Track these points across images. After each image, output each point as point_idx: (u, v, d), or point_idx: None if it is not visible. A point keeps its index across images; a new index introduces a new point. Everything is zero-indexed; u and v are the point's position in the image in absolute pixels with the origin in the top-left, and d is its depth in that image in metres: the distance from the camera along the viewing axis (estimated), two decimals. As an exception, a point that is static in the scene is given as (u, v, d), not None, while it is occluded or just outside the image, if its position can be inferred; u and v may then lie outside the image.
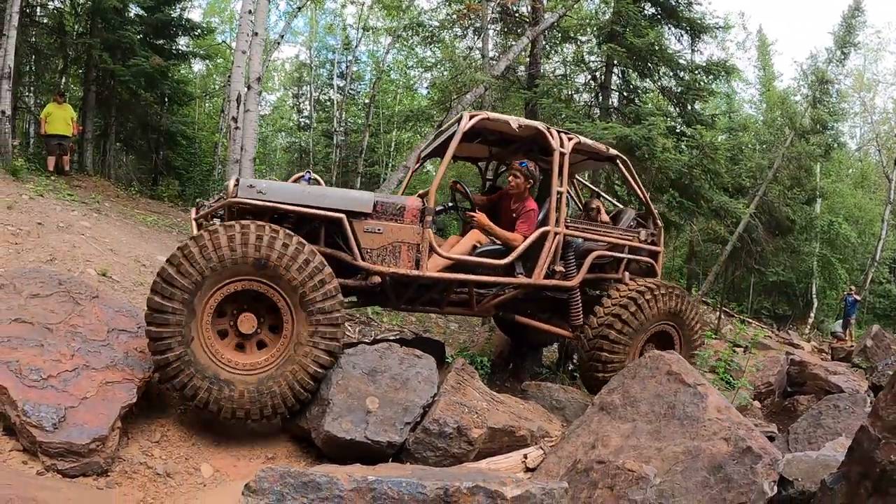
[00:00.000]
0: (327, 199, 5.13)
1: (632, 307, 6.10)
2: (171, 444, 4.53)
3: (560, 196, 5.97)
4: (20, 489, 3.44)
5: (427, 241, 5.34)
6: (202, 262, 4.34)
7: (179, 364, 4.36)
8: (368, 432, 4.47)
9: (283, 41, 23.94)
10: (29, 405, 4.01)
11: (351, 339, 7.38)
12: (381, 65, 28.59)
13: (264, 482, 3.12)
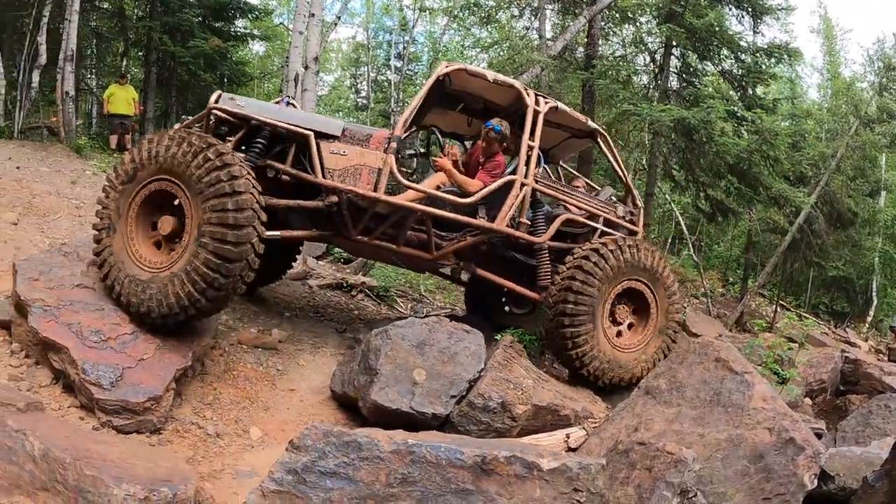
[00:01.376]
0: (298, 119, 5.39)
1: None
2: (223, 407, 4.71)
3: (531, 151, 5.85)
4: (77, 442, 3.64)
5: (388, 165, 5.32)
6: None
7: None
8: (414, 403, 4.56)
9: (339, 22, 24.12)
10: (88, 364, 4.22)
11: (402, 315, 7.49)
12: (437, 45, 28.47)
13: (308, 439, 3.25)
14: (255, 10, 20.32)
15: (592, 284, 5.68)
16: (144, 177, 4.65)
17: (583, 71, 14.08)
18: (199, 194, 4.41)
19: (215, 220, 4.34)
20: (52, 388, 4.41)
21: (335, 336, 6.37)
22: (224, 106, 5.27)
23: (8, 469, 3.47)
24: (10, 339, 4.82)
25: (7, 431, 3.58)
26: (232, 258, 4.36)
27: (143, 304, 4.49)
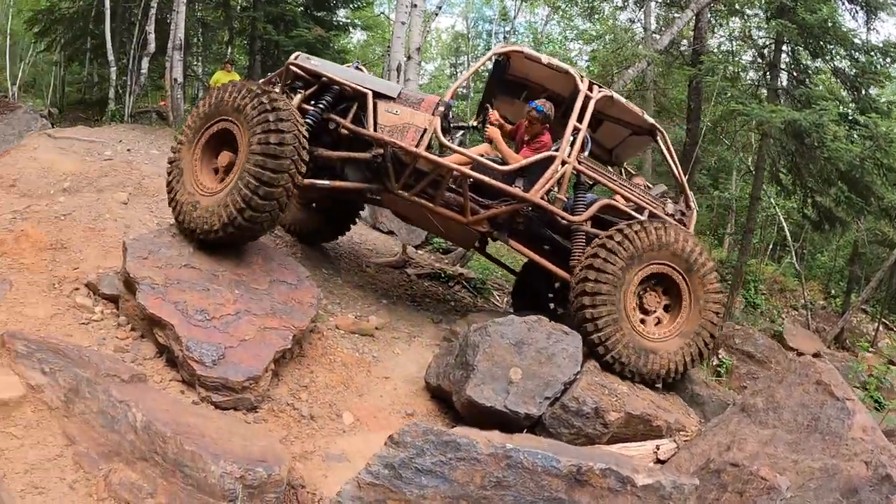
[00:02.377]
0: (362, 79, 5.91)
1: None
2: (318, 390, 4.78)
3: (577, 132, 5.79)
4: (177, 415, 3.77)
5: (433, 126, 5.62)
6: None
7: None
8: (508, 402, 4.51)
9: (440, 12, 24.17)
10: (192, 342, 4.36)
11: (498, 308, 7.45)
12: (539, 36, 28.16)
13: (407, 436, 3.26)
14: (357, 1, 20.63)
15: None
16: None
17: (690, 66, 13.57)
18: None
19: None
20: (156, 362, 4.58)
21: (431, 326, 6.39)
22: (296, 64, 5.96)
23: (109, 437, 3.61)
24: (118, 312, 5.05)
25: (112, 401, 3.72)
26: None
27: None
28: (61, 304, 5.01)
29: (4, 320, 4.67)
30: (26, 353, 4.09)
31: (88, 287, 5.23)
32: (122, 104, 16.18)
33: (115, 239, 6.03)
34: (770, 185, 16.34)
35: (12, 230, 5.85)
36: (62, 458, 3.62)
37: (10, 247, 5.59)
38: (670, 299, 5.68)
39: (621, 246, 5.41)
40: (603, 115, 6.37)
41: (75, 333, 4.71)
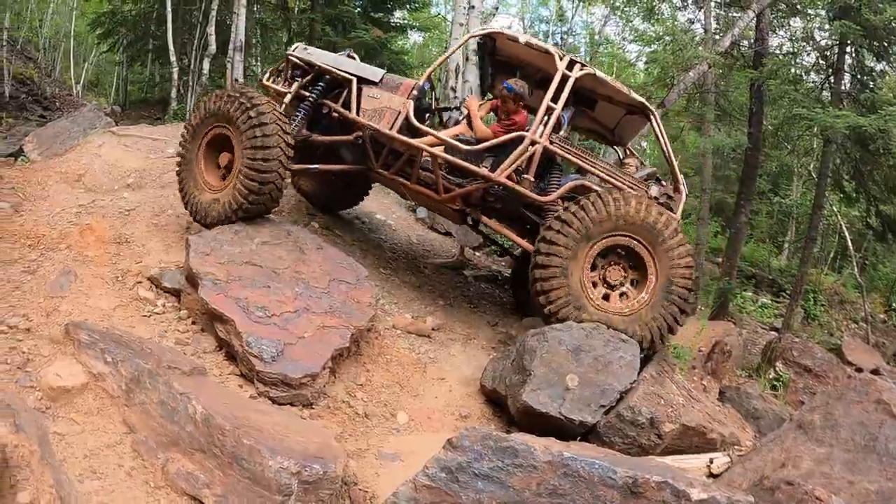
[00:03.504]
0: (348, 66, 6.28)
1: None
2: (374, 389, 4.82)
3: (550, 112, 5.76)
4: (235, 408, 3.81)
5: (406, 109, 5.93)
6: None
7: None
8: (564, 409, 4.46)
9: (496, 13, 24.13)
10: (252, 338, 4.44)
11: None
12: (596, 37, 27.84)
13: (465, 440, 3.24)
14: (414, 2, 20.76)
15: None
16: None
17: (751, 69, 13.19)
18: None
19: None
20: (215, 355, 4.67)
21: (487, 329, 6.37)
22: (296, 54, 6.47)
23: (168, 427, 3.68)
24: (179, 306, 5.18)
25: (172, 393, 3.79)
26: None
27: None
28: (124, 296, 5.16)
29: (69, 311, 4.83)
30: (89, 342, 4.22)
31: (151, 281, 5.38)
32: (184, 103, 16.56)
33: (177, 234, 6.21)
34: (832, 193, 15.84)
35: (78, 224, 6.05)
36: (121, 446, 3.72)
37: (75, 240, 5.78)
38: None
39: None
40: (594, 94, 6.33)
41: (138, 325, 4.84)
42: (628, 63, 26.82)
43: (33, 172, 7.31)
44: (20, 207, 6.36)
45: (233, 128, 5.60)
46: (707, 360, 7.81)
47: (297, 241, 5.61)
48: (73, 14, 33.01)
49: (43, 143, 8.72)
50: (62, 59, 34.69)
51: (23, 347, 4.35)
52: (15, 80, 24.91)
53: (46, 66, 32.22)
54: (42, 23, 32.61)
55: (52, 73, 32.10)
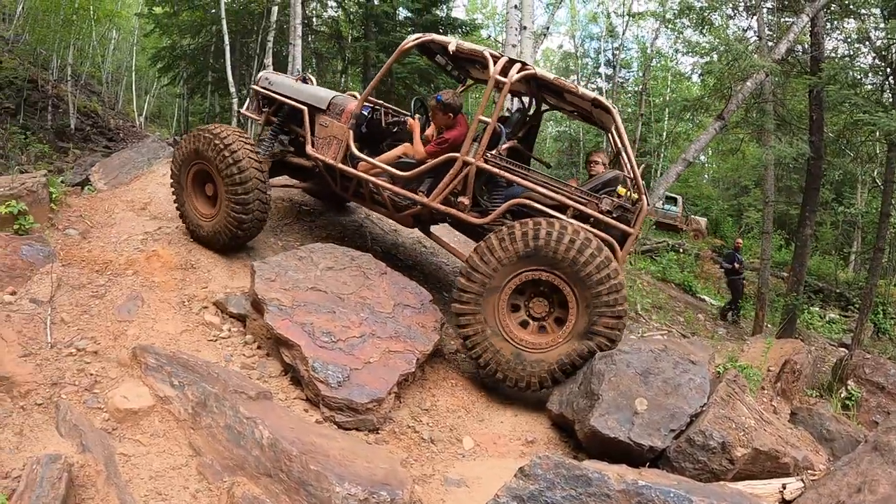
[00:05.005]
0: (302, 95, 6.43)
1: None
2: (439, 414, 4.78)
3: (486, 126, 5.41)
4: (301, 433, 3.83)
5: (346, 139, 6.02)
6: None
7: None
8: (633, 434, 4.33)
9: (548, 33, 24.21)
10: (318, 363, 4.48)
11: None
12: (649, 51, 27.63)
13: (538, 468, 3.19)
14: (465, 26, 20.99)
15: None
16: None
17: (809, 75, 12.80)
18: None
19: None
20: (281, 380, 4.72)
21: (552, 351, 6.23)
22: (255, 86, 6.84)
23: (234, 451, 3.71)
24: (245, 331, 5.26)
25: (239, 417, 3.82)
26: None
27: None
28: (190, 321, 5.26)
29: (136, 335, 4.94)
30: (156, 366, 4.32)
31: (216, 306, 5.48)
32: (245, 132, 17.06)
33: (241, 261, 6.33)
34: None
35: (144, 250, 6.19)
36: (186, 468, 3.76)
37: (142, 266, 5.92)
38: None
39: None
40: (551, 87, 5.89)
41: (203, 350, 4.92)
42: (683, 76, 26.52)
43: (100, 201, 7.51)
44: (88, 234, 6.56)
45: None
46: (776, 381, 7.56)
47: (361, 267, 5.64)
48: (134, 49, 34.45)
49: (109, 172, 8.99)
50: (124, 93, 36.12)
51: (90, 370, 4.47)
52: (80, 112, 25.94)
53: (109, 100, 33.54)
54: (104, 58, 34.02)
55: (116, 106, 33.38)
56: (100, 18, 27.57)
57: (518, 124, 6.58)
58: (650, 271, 12.19)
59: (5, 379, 4.15)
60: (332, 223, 7.67)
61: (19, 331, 4.66)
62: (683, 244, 19.74)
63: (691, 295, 12.00)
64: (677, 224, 23.95)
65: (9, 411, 4.00)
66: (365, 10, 19.73)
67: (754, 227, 25.02)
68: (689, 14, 14.33)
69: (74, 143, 22.46)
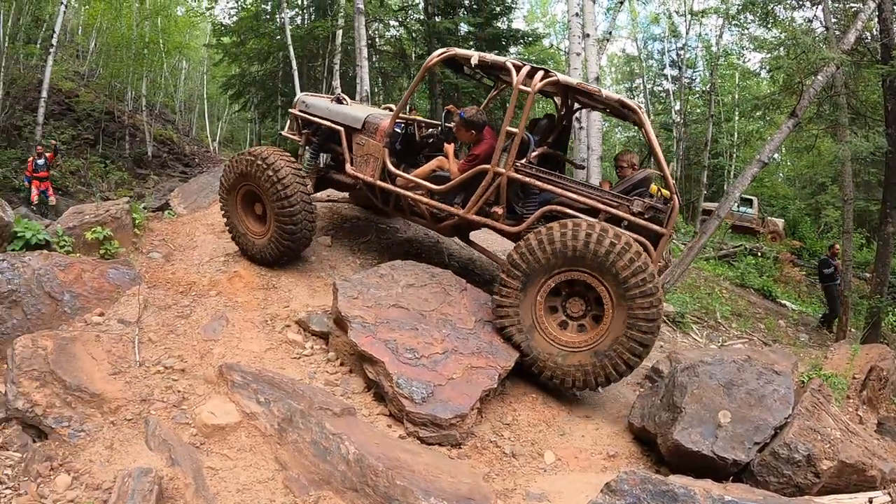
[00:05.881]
0: (337, 115, 6.65)
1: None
2: (520, 428, 4.78)
3: (513, 137, 5.48)
4: (386, 449, 3.91)
5: (382, 156, 6.19)
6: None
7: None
8: (716, 447, 4.25)
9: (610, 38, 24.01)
10: (402, 379, 4.56)
11: (698, 343, 7.12)
12: (714, 49, 26.99)
13: (624, 484, 3.18)
14: (527, 36, 21.01)
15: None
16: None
17: (881, 64, 12.22)
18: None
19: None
20: (364, 396, 4.81)
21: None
22: (294, 110, 7.15)
23: (321, 466, 3.81)
24: (328, 348, 5.38)
25: (325, 433, 3.92)
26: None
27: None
28: (274, 339, 5.42)
29: (222, 353, 5.12)
30: (242, 383, 4.46)
31: (299, 324, 5.63)
32: (317, 154, 17.50)
33: (321, 279, 6.49)
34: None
35: (226, 271, 6.42)
36: (272, 482, 3.86)
37: (225, 287, 6.14)
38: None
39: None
40: (593, 100, 6.03)
41: (288, 367, 5.06)
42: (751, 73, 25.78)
43: (180, 225, 7.82)
44: (171, 257, 6.85)
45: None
46: (862, 389, 7.26)
47: (442, 283, 5.70)
48: (205, 78, 35.78)
49: (187, 197, 9.35)
50: (198, 119, 37.50)
51: (178, 387, 4.66)
52: (156, 140, 27.06)
53: (184, 127, 34.89)
54: (176, 88, 35.44)
55: (190, 133, 34.72)
56: (170, 51, 28.88)
57: (547, 130, 6.66)
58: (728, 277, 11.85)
59: (96, 396, 4.36)
60: (409, 240, 7.79)
61: (108, 350, 4.88)
62: (761, 247, 19.13)
63: (771, 300, 11.61)
64: (754, 226, 23.19)
65: (99, 426, 4.19)
66: (427, 28, 20.01)
67: (833, 226, 24.09)
68: (753, 8, 13.92)
69: (152, 170, 23.46)
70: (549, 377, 5.11)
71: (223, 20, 25.76)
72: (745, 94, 28.33)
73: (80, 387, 4.37)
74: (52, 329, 5.13)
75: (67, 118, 24.14)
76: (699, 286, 9.54)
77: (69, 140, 22.61)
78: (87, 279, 5.72)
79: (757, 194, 25.34)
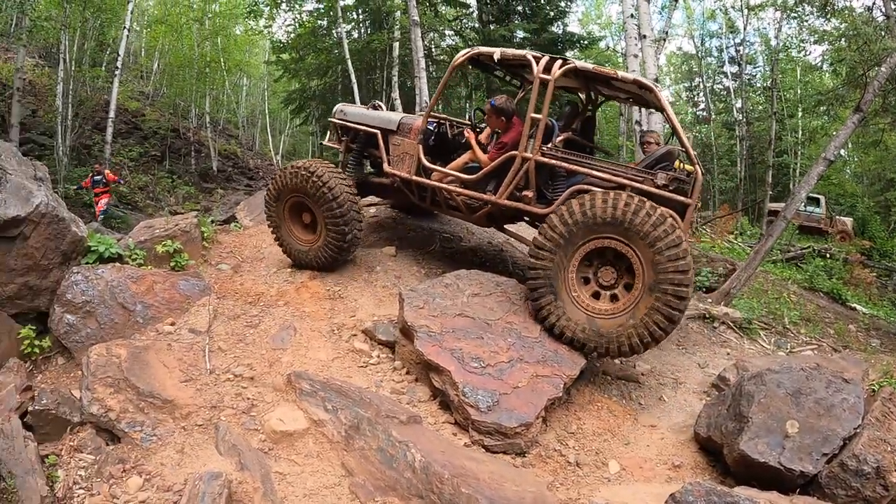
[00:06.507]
0: (374, 120, 6.98)
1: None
2: (585, 437, 4.77)
3: (537, 123, 5.69)
4: (452, 457, 3.97)
5: (416, 153, 6.45)
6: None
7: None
8: (783, 458, 4.14)
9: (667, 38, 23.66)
10: (468, 388, 4.61)
11: (765, 350, 6.97)
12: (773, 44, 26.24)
13: (689, 496, 3.18)
14: (583, 40, 20.89)
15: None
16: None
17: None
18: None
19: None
20: (430, 404, 4.88)
21: (697, 371, 6.12)
22: (333, 119, 7.46)
23: (387, 473, 3.90)
24: (394, 357, 5.48)
25: (391, 440, 4.02)
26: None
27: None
28: (341, 348, 5.55)
29: (290, 362, 5.27)
30: (310, 391, 4.60)
31: (365, 333, 5.75)
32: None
33: (386, 290, 6.60)
34: None
35: (293, 282, 6.60)
36: (339, 487, 3.97)
37: (292, 297, 6.31)
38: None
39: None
40: (597, 77, 6.15)
41: (354, 375, 5.17)
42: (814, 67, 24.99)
43: (247, 237, 8.05)
44: (239, 269, 7.08)
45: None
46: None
47: (507, 292, 5.75)
48: (266, 94, 36.70)
49: (253, 209, 9.60)
50: (260, 134, 38.51)
51: (247, 394, 4.82)
52: (220, 155, 27.92)
53: (247, 141, 35.93)
54: (238, 104, 36.47)
55: (253, 147, 35.70)
56: (230, 69, 29.74)
57: (571, 117, 6.86)
58: (796, 280, 11.46)
59: (168, 402, 4.55)
60: (473, 249, 7.86)
61: (180, 358, 5.09)
62: (830, 248, 18.48)
63: (841, 304, 11.18)
64: (822, 227, 22.40)
65: (171, 431, 4.38)
66: (482, 36, 20.05)
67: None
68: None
69: (218, 184, 24.19)
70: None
71: (281, 37, 26.35)
72: (807, 90, 27.48)
73: (153, 393, 4.58)
74: (125, 338, 5.38)
75: (134, 136, 25.20)
76: (766, 290, 9.29)
77: (137, 157, 23.59)
78: (159, 290, 5.98)
79: (824, 192, 24.51)
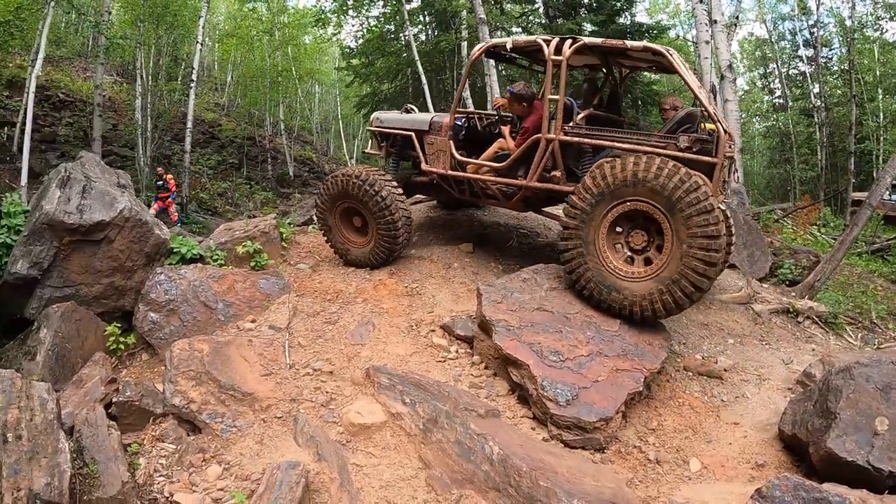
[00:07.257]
0: (408, 123, 7.34)
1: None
2: (665, 434, 4.71)
3: (556, 104, 5.85)
4: (530, 450, 3.99)
5: (448, 149, 6.79)
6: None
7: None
8: (871, 457, 3.96)
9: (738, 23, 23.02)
10: (547, 381, 4.63)
11: (852, 345, 6.72)
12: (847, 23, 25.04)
13: (776, 490, 3.13)
14: (652, 29, 20.52)
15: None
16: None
17: None
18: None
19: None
20: (508, 399, 4.91)
21: (781, 367, 5.92)
22: (370, 127, 7.95)
23: (464, 466, 3.94)
24: (472, 352, 5.53)
25: (469, 433, 4.06)
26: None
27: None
28: (419, 343, 5.65)
29: (369, 356, 5.41)
30: (389, 385, 4.70)
31: (444, 329, 5.83)
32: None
33: (464, 286, 6.67)
34: None
35: (371, 279, 6.77)
36: (415, 480, 4.04)
37: (370, 294, 6.46)
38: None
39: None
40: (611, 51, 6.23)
41: (433, 370, 5.26)
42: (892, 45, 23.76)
43: (325, 238, 8.27)
44: (318, 268, 7.29)
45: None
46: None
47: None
48: (338, 99, 37.51)
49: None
50: (334, 139, 39.36)
51: (326, 388, 4.96)
52: (296, 161, 28.71)
53: (321, 147, 36.75)
54: (311, 111, 37.36)
55: (328, 152, 36.51)
56: (302, 77, 30.56)
57: (590, 93, 6.86)
58: (883, 273, 10.90)
59: (248, 395, 4.73)
60: (550, 244, 7.85)
61: (260, 353, 5.28)
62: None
63: (930, 299, 10.61)
64: (909, 216, 21.27)
65: (251, 423, 4.55)
66: (549, 31, 19.90)
67: None
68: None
69: (295, 188, 24.86)
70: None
71: (350, 44, 26.87)
72: (887, 70, 26.25)
73: (234, 386, 4.76)
74: (207, 335, 5.61)
75: (212, 145, 26.25)
76: (852, 284, 8.92)
77: (215, 165, 24.55)
78: (240, 289, 6.24)
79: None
